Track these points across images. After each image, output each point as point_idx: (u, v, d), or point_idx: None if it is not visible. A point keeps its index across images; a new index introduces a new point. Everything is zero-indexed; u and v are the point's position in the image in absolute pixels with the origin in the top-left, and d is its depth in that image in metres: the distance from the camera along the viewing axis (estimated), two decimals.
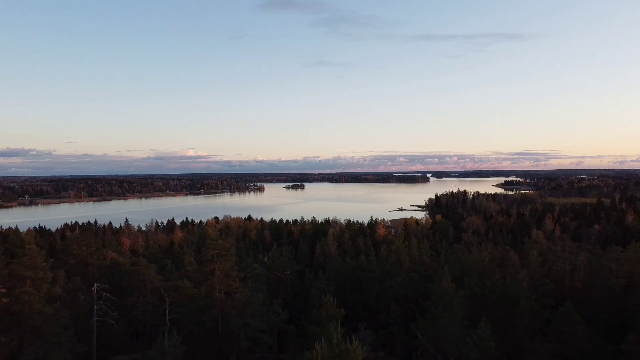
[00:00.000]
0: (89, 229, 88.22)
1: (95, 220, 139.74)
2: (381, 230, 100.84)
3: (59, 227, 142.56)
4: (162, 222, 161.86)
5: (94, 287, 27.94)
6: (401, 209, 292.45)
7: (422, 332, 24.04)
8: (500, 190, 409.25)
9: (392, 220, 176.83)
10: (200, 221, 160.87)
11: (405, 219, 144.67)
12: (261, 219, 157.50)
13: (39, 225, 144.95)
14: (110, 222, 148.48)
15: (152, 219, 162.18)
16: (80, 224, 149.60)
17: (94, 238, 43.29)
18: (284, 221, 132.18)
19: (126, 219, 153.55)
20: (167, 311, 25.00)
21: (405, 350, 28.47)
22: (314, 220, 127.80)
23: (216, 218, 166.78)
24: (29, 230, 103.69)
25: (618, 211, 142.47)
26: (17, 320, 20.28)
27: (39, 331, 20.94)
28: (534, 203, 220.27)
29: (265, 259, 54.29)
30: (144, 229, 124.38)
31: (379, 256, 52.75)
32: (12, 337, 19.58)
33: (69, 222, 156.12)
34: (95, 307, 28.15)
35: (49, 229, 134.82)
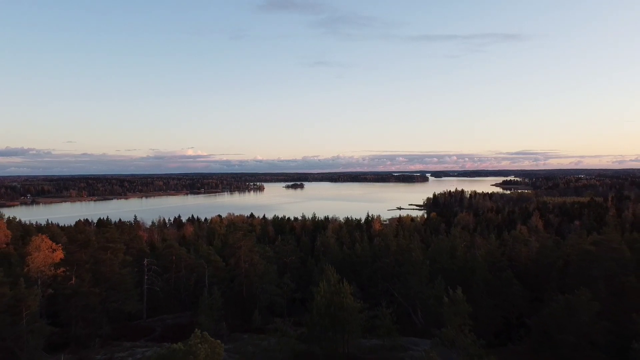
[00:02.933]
0: (107, 224, 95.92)
1: (107, 216, 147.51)
2: (377, 226, 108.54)
3: (72, 224, 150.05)
4: (169, 220, 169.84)
5: (145, 262, 35.72)
6: (399, 208, 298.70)
7: (397, 291, 31.77)
8: (498, 189, 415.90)
9: (390, 219, 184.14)
10: (206, 218, 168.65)
11: (400, 215, 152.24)
12: (264, 216, 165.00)
13: (51, 222, 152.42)
14: (120, 219, 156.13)
15: (160, 216, 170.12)
16: (90, 221, 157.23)
17: (131, 228, 51.23)
18: (286, 218, 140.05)
19: (135, 216, 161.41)
20: (207, 276, 32.78)
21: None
22: (314, 217, 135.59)
23: (219, 216, 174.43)
24: (49, 225, 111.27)
25: (602, 209, 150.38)
26: (103, 278, 28.06)
27: (117, 287, 28.74)
28: (529, 202, 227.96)
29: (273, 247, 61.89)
30: (156, 225, 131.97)
31: (372, 245, 60.51)
32: (101, 289, 27.35)
33: (79, 219, 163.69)
34: (146, 277, 35.94)
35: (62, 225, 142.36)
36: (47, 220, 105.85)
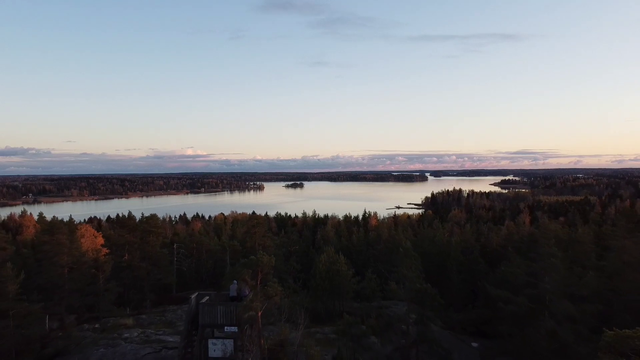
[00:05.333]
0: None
1: (117, 214, 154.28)
2: (373, 222, 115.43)
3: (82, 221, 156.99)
4: (175, 217, 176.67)
5: (175, 246, 42.72)
6: (398, 207, 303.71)
7: (385, 269, 38.71)
8: (496, 188, 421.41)
9: (387, 217, 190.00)
10: (210, 216, 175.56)
11: (395, 213, 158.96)
12: (266, 213, 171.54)
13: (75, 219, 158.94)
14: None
15: (165, 214, 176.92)
16: (98, 218, 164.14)
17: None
18: (288, 215, 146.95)
19: (142, 214, 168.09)
20: (228, 257, 39.76)
21: None
22: (314, 215, 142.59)
23: (222, 214, 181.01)
24: (72, 220, 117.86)
25: (590, 206, 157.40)
26: (148, 257, 35.05)
27: (158, 263, 35.73)
28: (525, 200, 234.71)
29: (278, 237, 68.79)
30: (166, 221, 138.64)
31: (367, 236, 67.60)
32: (147, 264, 34.32)
33: (90, 217, 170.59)
34: (175, 258, 42.92)
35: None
36: (70, 215, 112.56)
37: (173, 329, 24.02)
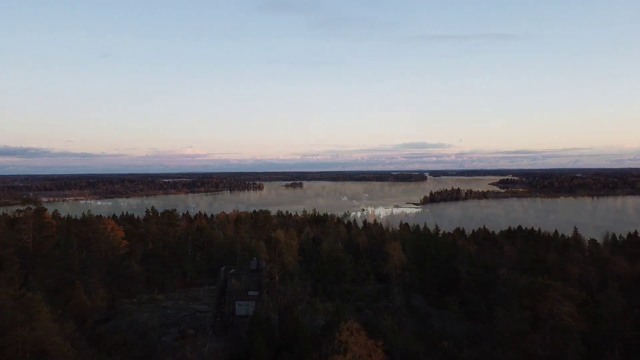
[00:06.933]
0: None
1: (123, 212, 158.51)
2: (371, 219, 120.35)
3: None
4: (178, 216, 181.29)
5: (189, 238, 47.29)
6: (397, 206, 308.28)
7: (379, 258, 43.37)
8: (495, 188, 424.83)
9: (386, 215, 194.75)
10: (212, 215, 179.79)
11: (392, 211, 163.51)
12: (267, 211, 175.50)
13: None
14: (133, 214, 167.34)
15: None
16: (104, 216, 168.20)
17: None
18: (289, 213, 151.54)
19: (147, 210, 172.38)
20: (239, 247, 44.33)
21: None
22: (314, 213, 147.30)
23: (224, 212, 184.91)
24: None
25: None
26: (168, 246, 39.60)
27: (177, 252, 40.28)
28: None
29: None
30: None
31: (365, 232, 72.38)
32: (168, 253, 38.85)
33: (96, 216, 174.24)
34: (189, 250, 47.46)
35: None
36: (83, 212, 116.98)
37: (199, 301, 28.57)
